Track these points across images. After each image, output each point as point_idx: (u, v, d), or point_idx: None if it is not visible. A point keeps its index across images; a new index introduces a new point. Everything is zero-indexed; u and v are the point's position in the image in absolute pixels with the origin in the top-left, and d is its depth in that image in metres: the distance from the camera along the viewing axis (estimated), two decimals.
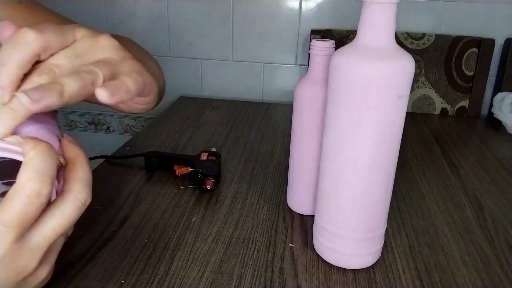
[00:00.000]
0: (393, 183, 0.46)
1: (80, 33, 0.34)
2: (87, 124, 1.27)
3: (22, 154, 0.29)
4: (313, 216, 0.52)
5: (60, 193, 0.31)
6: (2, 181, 0.30)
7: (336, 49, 0.45)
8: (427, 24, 1.05)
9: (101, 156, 0.74)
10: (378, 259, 0.50)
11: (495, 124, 0.98)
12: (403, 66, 0.40)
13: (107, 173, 0.69)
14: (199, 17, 1.10)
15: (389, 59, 0.40)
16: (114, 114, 1.24)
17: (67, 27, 0.33)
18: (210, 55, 1.14)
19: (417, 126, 0.96)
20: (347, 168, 0.44)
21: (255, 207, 0.60)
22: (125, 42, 0.46)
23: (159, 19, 1.12)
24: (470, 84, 1.03)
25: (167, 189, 0.64)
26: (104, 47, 0.35)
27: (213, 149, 0.71)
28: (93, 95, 0.31)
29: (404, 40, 1.01)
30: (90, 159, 1.28)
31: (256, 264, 0.49)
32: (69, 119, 1.27)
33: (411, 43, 1.01)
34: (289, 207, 0.60)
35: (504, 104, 0.96)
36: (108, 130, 1.27)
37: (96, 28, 0.35)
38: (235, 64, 1.14)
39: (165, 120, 0.94)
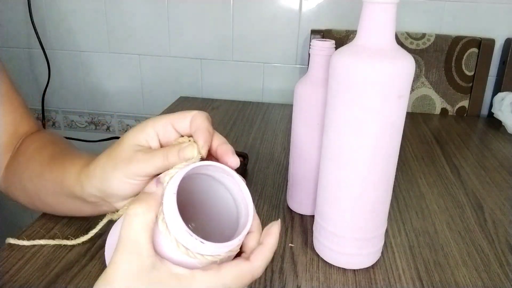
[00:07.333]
0: (393, 183, 0.46)
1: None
2: (87, 124, 1.27)
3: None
4: (313, 216, 0.52)
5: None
6: None
7: (336, 49, 0.45)
8: (427, 24, 1.05)
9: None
10: (378, 259, 0.50)
11: (495, 124, 0.98)
12: (403, 66, 0.40)
13: None
14: (199, 17, 1.10)
15: (389, 59, 0.40)
16: (114, 114, 1.24)
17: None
18: (210, 55, 1.14)
19: (417, 126, 0.96)
20: (347, 168, 0.44)
21: (255, 207, 0.60)
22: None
23: (159, 19, 1.12)
24: (470, 84, 1.03)
25: None
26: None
27: None
28: None
29: (404, 40, 1.01)
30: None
31: None
32: (69, 119, 1.27)
33: (411, 43, 1.01)
34: (289, 207, 0.60)
35: (504, 104, 0.96)
36: (108, 130, 1.27)
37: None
38: (235, 64, 1.14)
39: None
